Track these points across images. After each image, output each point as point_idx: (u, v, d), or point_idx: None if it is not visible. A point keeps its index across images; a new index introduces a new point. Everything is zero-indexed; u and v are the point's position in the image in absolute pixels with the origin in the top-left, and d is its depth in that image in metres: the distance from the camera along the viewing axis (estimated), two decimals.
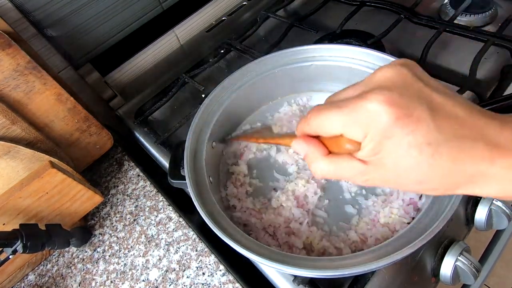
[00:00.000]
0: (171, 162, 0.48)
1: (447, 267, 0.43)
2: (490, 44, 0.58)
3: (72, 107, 0.49)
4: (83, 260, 0.51)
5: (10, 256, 0.40)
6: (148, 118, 0.65)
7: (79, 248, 0.53)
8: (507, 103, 0.48)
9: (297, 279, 0.42)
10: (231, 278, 0.45)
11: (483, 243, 0.49)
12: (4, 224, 0.43)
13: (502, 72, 0.58)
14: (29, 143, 0.44)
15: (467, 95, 0.55)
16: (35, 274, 0.52)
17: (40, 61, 0.49)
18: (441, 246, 0.45)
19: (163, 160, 0.59)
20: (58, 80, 0.48)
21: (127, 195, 0.57)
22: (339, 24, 0.70)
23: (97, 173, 0.61)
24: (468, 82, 0.54)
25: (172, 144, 0.60)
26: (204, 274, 0.46)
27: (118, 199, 0.57)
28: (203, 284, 0.45)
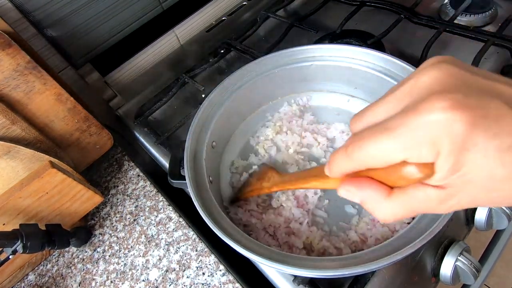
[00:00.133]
0: (171, 162, 0.49)
1: (447, 267, 0.43)
2: (490, 44, 0.58)
3: (72, 107, 0.49)
4: (83, 260, 0.51)
5: (10, 256, 0.40)
6: (148, 118, 0.65)
7: (79, 248, 0.53)
8: None
9: (297, 279, 0.42)
10: (231, 278, 0.45)
11: (483, 243, 0.49)
12: (4, 224, 0.43)
13: (502, 72, 0.58)
14: (29, 143, 0.44)
15: None
16: (35, 274, 0.52)
17: (40, 61, 0.49)
18: (441, 246, 0.45)
19: (163, 160, 0.59)
20: (58, 80, 0.48)
21: (127, 195, 0.57)
22: (339, 24, 0.70)
23: (97, 173, 0.61)
24: None
25: (172, 144, 0.60)
26: (204, 274, 0.46)
27: (118, 199, 0.57)
28: (203, 284, 0.45)
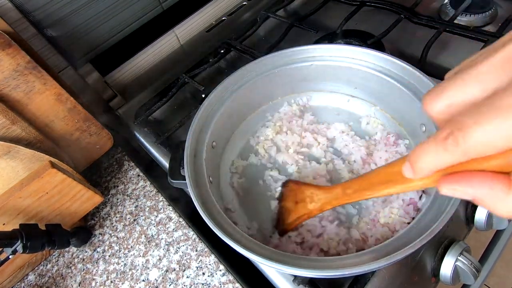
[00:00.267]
0: (171, 162, 0.48)
1: (447, 267, 0.43)
2: (490, 44, 0.58)
3: (72, 107, 0.49)
4: (83, 260, 0.51)
5: (10, 256, 0.40)
6: (148, 118, 0.65)
7: (79, 248, 0.53)
8: None
9: (297, 279, 0.42)
10: (231, 278, 0.45)
11: (483, 243, 0.49)
12: (4, 224, 0.43)
13: None
14: (29, 143, 0.44)
15: None
16: (35, 274, 0.52)
17: (40, 61, 0.49)
18: (441, 246, 0.45)
19: (163, 160, 0.59)
20: (58, 80, 0.48)
21: (127, 195, 0.57)
22: (339, 24, 0.70)
23: (97, 173, 0.61)
24: None
25: (172, 144, 0.60)
26: (204, 274, 0.46)
27: (118, 199, 0.57)
28: (203, 284, 0.45)
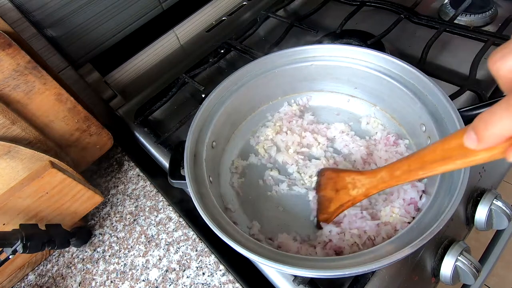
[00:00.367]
0: (171, 162, 0.48)
1: (447, 267, 0.43)
2: (490, 44, 0.58)
3: (72, 107, 0.49)
4: (83, 260, 0.51)
5: (10, 256, 0.40)
6: (148, 118, 0.65)
7: (79, 248, 0.53)
8: None
9: (297, 279, 0.42)
10: (231, 278, 0.45)
11: (483, 243, 0.49)
12: (4, 224, 0.43)
13: None
14: (29, 143, 0.44)
15: (467, 95, 0.55)
16: (35, 274, 0.52)
17: (40, 61, 0.49)
18: (441, 246, 0.45)
19: (163, 160, 0.59)
20: (58, 80, 0.48)
21: (127, 195, 0.57)
22: (339, 24, 0.70)
23: (97, 173, 0.61)
24: (468, 82, 0.54)
25: (172, 144, 0.60)
26: (204, 274, 0.46)
27: (118, 199, 0.57)
28: (203, 284, 0.45)
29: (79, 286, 0.49)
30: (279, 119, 0.57)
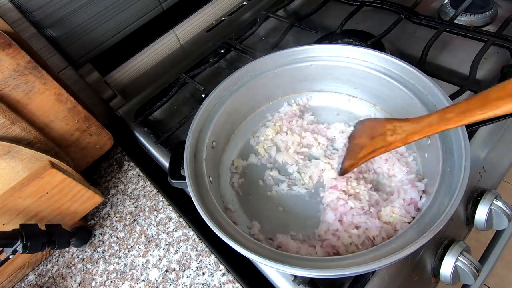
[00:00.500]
0: (171, 162, 0.48)
1: (447, 267, 0.43)
2: (490, 44, 0.58)
3: (72, 107, 0.49)
4: (83, 260, 0.51)
5: (10, 256, 0.40)
6: (148, 118, 0.65)
7: (79, 248, 0.53)
8: None
9: (297, 279, 0.42)
10: (231, 278, 0.45)
11: (483, 243, 0.49)
12: (4, 224, 0.43)
13: (502, 72, 0.58)
14: (29, 143, 0.44)
15: (467, 95, 0.55)
16: (35, 274, 0.52)
17: (40, 61, 0.49)
18: (441, 246, 0.45)
19: (163, 160, 0.59)
20: (58, 80, 0.48)
21: (127, 195, 0.57)
22: (339, 24, 0.70)
23: (97, 173, 0.61)
24: (468, 82, 0.54)
25: (172, 144, 0.60)
26: (204, 274, 0.46)
27: (118, 199, 0.57)
28: (203, 284, 0.45)
29: (79, 286, 0.49)
30: (279, 119, 0.57)
